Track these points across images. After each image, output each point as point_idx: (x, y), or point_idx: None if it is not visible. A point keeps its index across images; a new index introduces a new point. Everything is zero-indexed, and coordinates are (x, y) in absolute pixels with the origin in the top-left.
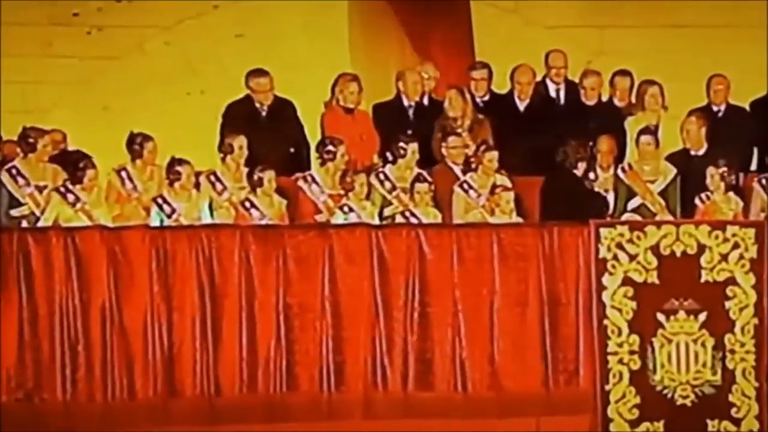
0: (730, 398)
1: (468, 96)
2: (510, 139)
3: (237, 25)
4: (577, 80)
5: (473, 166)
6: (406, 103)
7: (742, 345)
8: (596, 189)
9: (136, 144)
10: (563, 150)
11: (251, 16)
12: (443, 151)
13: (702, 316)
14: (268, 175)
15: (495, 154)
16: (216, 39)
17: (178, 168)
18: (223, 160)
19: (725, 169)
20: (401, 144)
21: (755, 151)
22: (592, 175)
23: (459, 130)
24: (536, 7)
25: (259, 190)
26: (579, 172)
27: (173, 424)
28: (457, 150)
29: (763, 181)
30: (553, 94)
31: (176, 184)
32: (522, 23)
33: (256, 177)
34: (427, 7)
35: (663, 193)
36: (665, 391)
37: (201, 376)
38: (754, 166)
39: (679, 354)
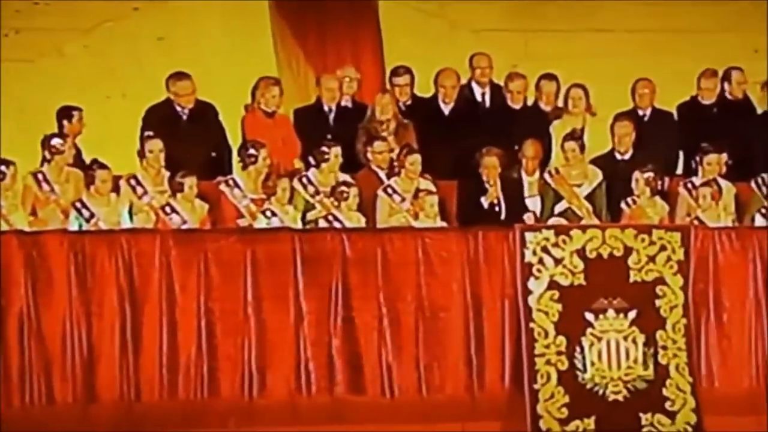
0: (664, 392)
1: (394, 99)
2: (434, 143)
3: (158, 27)
4: (502, 84)
5: (397, 170)
6: (326, 107)
7: (674, 342)
8: (489, 200)
9: (51, 146)
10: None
11: (172, 18)
12: (368, 155)
13: (632, 314)
14: (190, 181)
15: (417, 157)
16: (136, 42)
17: (96, 172)
18: (143, 164)
19: (651, 173)
20: (324, 148)
21: (681, 155)
22: (490, 182)
23: (384, 134)
24: (461, 10)
25: (179, 195)
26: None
27: (93, 429)
28: (383, 155)
29: (689, 185)
30: (479, 97)
31: (92, 188)
32: (447, 26)
33: (177, 182)
34: (336, 10)
35: (590, 197)
36: (596, 388)
37: (121, 382)
38: (679, 170)
39: (610, 351)
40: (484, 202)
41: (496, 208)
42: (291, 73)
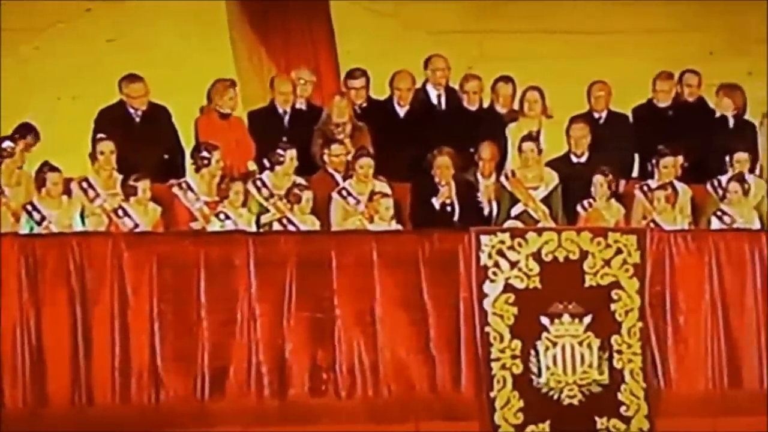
0: (619, 396)
1: (350, 102)
2: (390, 146)
3: (110, 28)
4: (457, 86)
5: (351, 173)
6: (280, 109)
7: (629, 346)
8: (441, 200)
9: (2, 149)
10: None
11: (125, 19)
12: (325, 158)
13: (587, 319)
14: (143, 185)
15: (367, 160)
16: (88, 43)
17: (48, 174)
18: (95, 166)
19: (607, 176)
20: (279, 151)
21: (636, 157)
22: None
23: (340, 137)
24: (416, 11)
25: (133, 199)
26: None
27: None
28: (339, 158)
29: (645, 188)
30: (434, 100)
31: (43, 191)
32: (402, 28)
33: (130, 186)
34: (283, 12)
35: (546, 200)
36: (551, 393)
37: (72, 386)
38: (635, 173)
39: (565, 356)
40: (436, 202)
41: (448, 209)
42: (254, 73)
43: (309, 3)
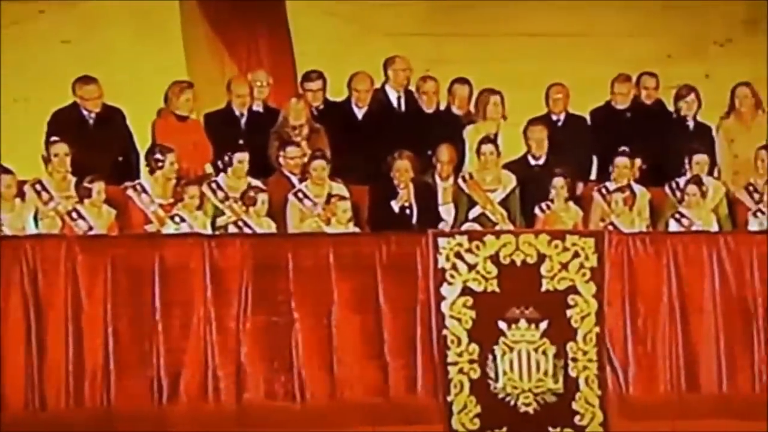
0: (574, 406)
1: (307, 104)
2: (348, 148)
3: (64, 30)
4: (414, 88)
5: (307, 175)
6: (237, 112)
7: (585, 353)
8: (400, 203)
9: None
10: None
11: (79, 21)
12: (281, 160)
13: (543, 325)
14: (98, 186)
15: (321, 162)
16: (42, 44)
17: (0, 176)
18: (49, 168)
19: (566, 178)
20: (233, 153)
21: (594, 160)
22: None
23: (297, 139)
24: (374, 14)
25: (87, 201)
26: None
27: None
28: (295, 160)
29: (603, 190)
30: (394, 102)
31: None
32: (359, 30)
33: (84, 188)
34: (243, 13)
35: (504, 203)
36: (508, 399)
37: (25, 389)
38: (593, 176)
39: (521, 362)
40: (395, 205)
41: (407, 212)
42: (218, 75)
43: (267, 5)
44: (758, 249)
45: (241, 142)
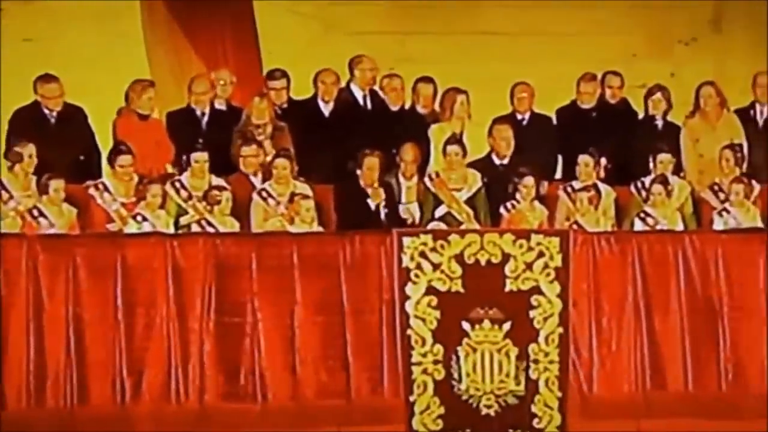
0: (533, 408)
1: (270, 103)
2: (312, 147)
3: (25, 28)
4: (378, 87)
5: (270, 174)
6: (198, 111)
7: (546, 354)
8: (369, 201)
9: None
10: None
11: (40, 19)
12: (239, 159)
13: (506, 326)
14: (55, 184)
15: (283, 161)
16: (3, 43)
17: None
18: (10, 168)
19: (534, 178)
20: (195, 153)
21: (560, 159)
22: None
23: (261, 138)
24: (337, 13)
25: (45, 198)
26: (361, 180)
27: None
28: (254, 158)
29: (568, 189)
30: (360, 100)
31: None
32: (323, 29)
33: (42, 185)
34: (210, 11)
35: (470, 202)
36: (470, 401)
37: None
38: (558, 175)
39: (484, 363)
40: (372, 203)
41: (383, 211)
42: (185, 73)
43: (234, 4)
44: (723, 248)
45: (200, 141)
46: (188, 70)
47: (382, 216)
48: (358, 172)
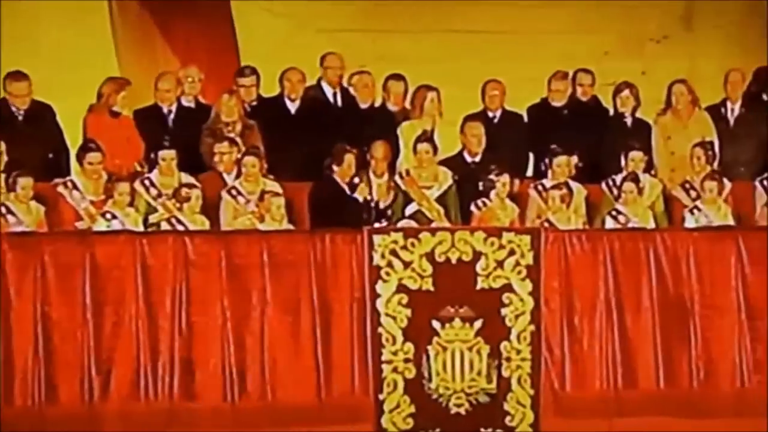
0: (505, 406)
1: (240, 101)
2: (283, 144)
3: None
4: (347, 84)
5: (240, 172)
6: (164, 108)
7: (518, 352)
8: (356, 196)
9: None
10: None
11: (9, 16)
12: (209, 156)
13: (478, 324)
14: (23, 182)
15: (253, 159)
16: None
17: None
18: None
19: (501, 175)
20: (162, 150)
21: (531, 157)
22: (356, 179)
23: (231, 135)
24: (308, 10)
25: (12, 195)
26: (338, 177)
27: None
28: (226, 156)
29: (539, 187)
30: (330, 98)
31: None
32: (293, 27)
33: (9, 183)
34: (186, 9)
35: (441, 200)
36: (440, 400)
37: None
38: (529, 173)
39: (455, 362)
40: (359, 197)
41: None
42: (158, 70)
43: (211, 2)
44: (695, 246)
45: (167, 138)
46: (164, 67)
47: (372, 209)
48: (336, 168)
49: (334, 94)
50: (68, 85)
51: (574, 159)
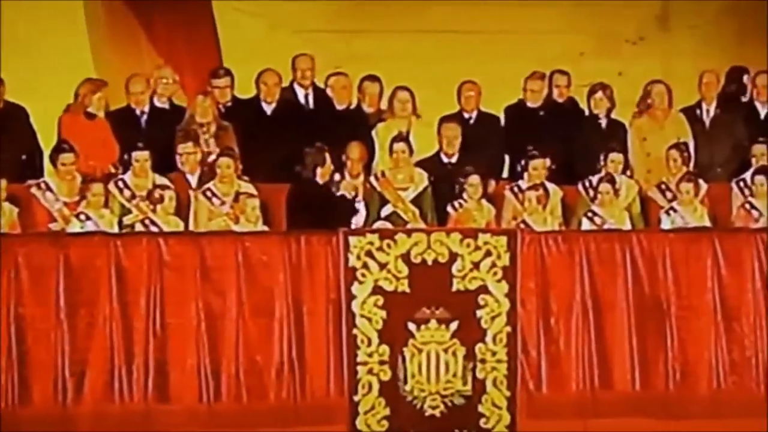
0: (480, 408)
1: (214, 102)
2: (257, 146)
3: None
4: (323, 85)
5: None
6: (137, 110)
7: (494, 354)
8: (342, 192)
9: None
10: (301, 157)
11: None
12: (176, 157)
13: (453, 325)
14: None
15: (226, 160)
16: None
17: None
18: None
19: (482, 176)
20: (135, 152)
21: (507, 158)
22: (337, 176)
23: (205, 137)
24: (282, 10)
25: None
26: (319, 178)
27: None
28: (191, 156)
29: (515, 189)
30: (301, 99)
31: None
32: (267, 27)
33: None
34: (168, 10)
35: (416, 201)
36: (415, 402)
37: None
38: (505, 174)
39: (430, 364)
40: (347, 194)
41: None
42: (141, 71)
43: (194, 3)
44: (671, 247)
45: (142, 139)
46: (150, 68)
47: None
48: (319, 170)
49: (306, 96)
50: (43, 86)
51: (548, 161)
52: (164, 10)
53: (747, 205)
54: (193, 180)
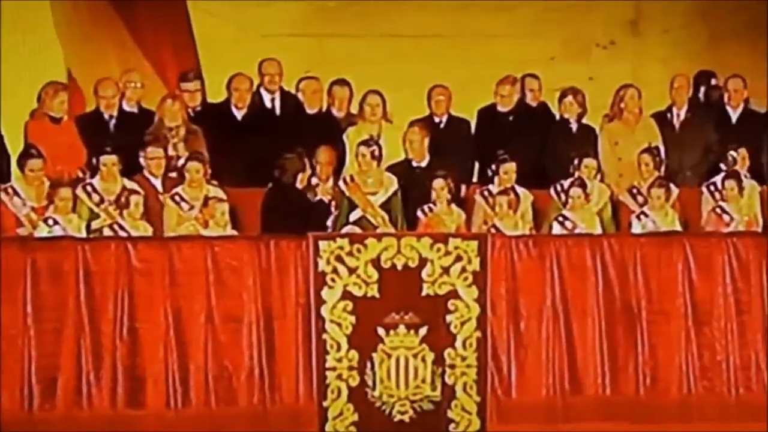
0: (449, 414)
1: (183, 105)
2: (227, 150)
3: None
4: (293, 90)
5: (182, 177)
6: (106, 114)
7: (464, 359)
8: (319, 197)
9: None
10: (281, 162)
11: None
12: (142, 161)
13: (423, 331)
14: None
15: (195, 164)
16: None
17: None
18: None
19: (447, 180)
20: (103, 156)
21: (477, 162)
22: (314, 180)
23: (174, 141)
24: (252, 15)
25: None
26: (299, 184)
27: None
28: (156, 161)
29: (485, 193)
30: (268, 104)
31: None
32: (237, 31)
33: None
34: (145, 13)
35: (386, 206)
36: (383, 407)
37: None
38: (475, 178)
39: (399, 369)
40: (325, 198)
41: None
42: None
43: (173, 6)
44: (641, 251)
45: (110, 143)
46: (114, 70)
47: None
48: (300, 175)
49: (272, 100)
50: (10, 90)
51: (513, 165)
52: (145, 11)
53: (717, 210)
54: (158, 184)
